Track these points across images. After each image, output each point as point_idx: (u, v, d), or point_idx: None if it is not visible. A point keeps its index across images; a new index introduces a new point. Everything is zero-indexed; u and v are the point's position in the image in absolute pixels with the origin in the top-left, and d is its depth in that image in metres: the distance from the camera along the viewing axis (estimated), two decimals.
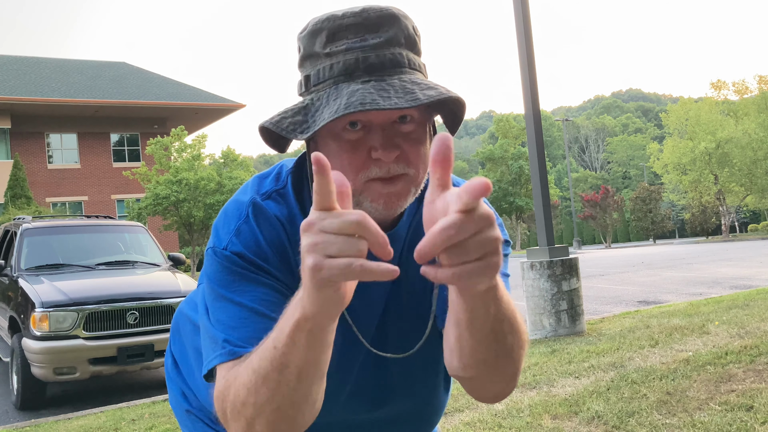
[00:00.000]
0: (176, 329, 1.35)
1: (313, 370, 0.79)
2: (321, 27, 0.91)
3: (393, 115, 0.89)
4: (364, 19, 0.89)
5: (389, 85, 0.86)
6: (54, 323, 5.39)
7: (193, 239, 25.33)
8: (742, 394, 3.79)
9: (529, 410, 3.86)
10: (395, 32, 0.91)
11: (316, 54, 0.92)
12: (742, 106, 43.82)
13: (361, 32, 0.89)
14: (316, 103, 0.89)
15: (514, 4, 6.95)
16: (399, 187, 0.91)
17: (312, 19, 0.94)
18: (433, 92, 0.85)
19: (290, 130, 0.89)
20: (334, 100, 0.85)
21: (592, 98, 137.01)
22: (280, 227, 0.98)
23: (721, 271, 13.99)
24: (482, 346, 0.85)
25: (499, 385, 0.95)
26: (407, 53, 0.91)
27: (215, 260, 0.97)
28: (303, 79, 0.94)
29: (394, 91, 0.84)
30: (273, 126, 0.90)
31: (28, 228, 6.90)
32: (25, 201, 24.13)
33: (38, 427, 4.72)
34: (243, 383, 0.82)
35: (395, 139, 0.90)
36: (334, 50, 0.89)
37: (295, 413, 0.82)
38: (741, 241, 33.72)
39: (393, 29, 0.90)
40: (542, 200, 6.88)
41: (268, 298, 0.91)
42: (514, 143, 42.03)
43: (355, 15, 0.90)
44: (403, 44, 0.91)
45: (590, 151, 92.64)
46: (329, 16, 0.91)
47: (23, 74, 30.32)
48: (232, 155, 25.80)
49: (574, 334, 6.42)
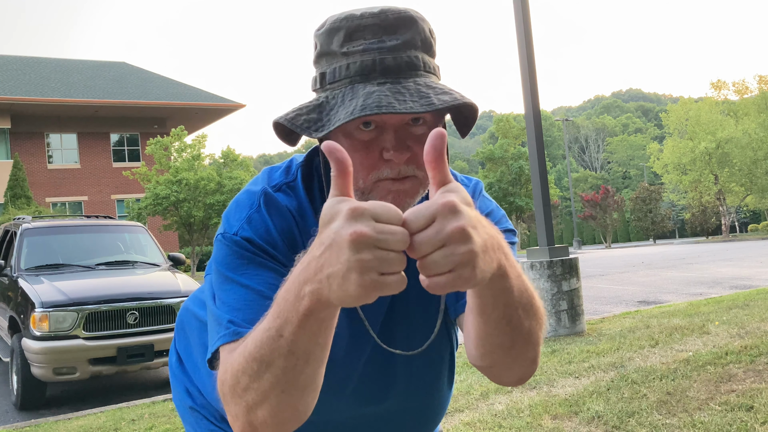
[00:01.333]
0: (181, 326, 1.36)
1: (321, 354, 0.79)
2: (339, 26, 0.92)
3: (406, 117, 0.91)
4: (382, 20, 0.90)
5: (405, 88, 0.87)
6: (54, 323, 5.39)
7: (193, 239, 25.33)
8: (742, 394, 3.79)
9: (529, 410, 3.85)
10: (412, 35, 0.91)
11: (333, 52, 0.92)
12: (742, 106, 43.82)
13: (379, 33, 0.90)
14: (331, 102, 0.90)
15: (514, 4, 6.95)
16: (407, 185, 0.92)
17: (330, 17, 0.95)
18: (448, 97, 0.87)
19: (305, 128, 0.90)
20: (350, 100, 0.87)
21: (592, 98, 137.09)
22: (290, 218, 1.00)
23: (721, 271, 13.99)
24: (497, 331, 0.85)
25: (520, 370, 0.96)
26: (423, 56, 0.92)
27: (224, 245, 0.98)
28: (318, 76, 0.95)
29: (409, 95, 0.86)
30: (288, 123, 0.91)
31: (28, 228, 6.90)
32: (25, 201, 24.13)
33: (38, 427, 4.72)
34: (243, 370, 0.82)
35: (407, 141, 0.91)
36: (351, 50, 0.90)
37: (300, 397, 0.82)
38: (741, 241, 33.72)
39: (410, 32, 0.91)
40: (542, 200, 6.88)
41: (275, 283, 0.90)
42: (514, 143, 42.01)
43: (374, 16, 0.90)
44: (420, 47, 0.92)
45: (590, 151, 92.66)
46: (348, 15, 0.92)
47: (23, 74, 30.33)
48: (232, 155, 25.80)
49: (574, 334, 6.41)
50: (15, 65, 31.55)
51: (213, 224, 24.40)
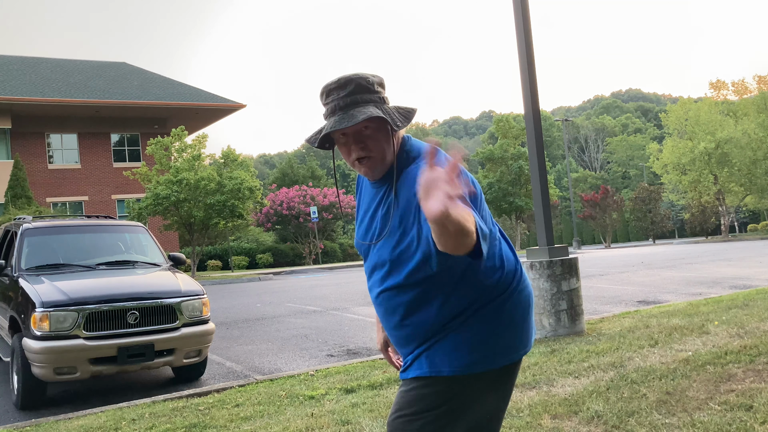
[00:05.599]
0: None
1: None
2: (323, 90, 1.78)
3: (358, 126, 1.74)
4: (338, 84, 1.75)
5: (347, 116, 1.71)
6: (54, 323, 5.39)
7: (194, 239, 25.32)
8: (742, 393, 3.80)
9: (529, 410, 3.86)
10: (353, 87, 1.74)
11: (323, 103, 1.79)
12: (741, 106, 43.81)
13: (337, 90, 1.75)
14: (323, 128, 1.77)
15: (513, 4, 6.95)
16: (367, 163, 1.77)
17: (323, 85, 1.79)
18: (363, 116, 1.67)
19: (311, 141, 1.81)
20: (326, 125, 1.76)
21: (591, 98, 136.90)
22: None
23: (720, 271, 13.99)
24: (436, 235, 1.39)
25: (453, 249, 1.41)
26: (361, 96, 1.73)
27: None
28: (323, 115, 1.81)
29: (348, 119, 1.69)
30: (307, 139, 1.83)
31: (28, 228, 6.90)
32: (26, 201, 24.13)
33: (38, 427, 4.72)
34: None
35: (361, 138, 1.75)
36: (327, 102, 1.77)
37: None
38: (740, 241, 33.72)
39: (352, 86, 1.74)
40: (542, 200, 6.89)
41: None
42: (514, 143, 41.97)
43: (335, 82, 1.76)
44: (357, 92, 1.74)
45: (590, 151, 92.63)
46: (326, 84, 1.77)
47: (23, 74, 30.32)
48: (233, 155, 25.78)
49: (574, 333, 6.42)
50: (15, 65, 31.54)
51: (213, 224, 24.40)
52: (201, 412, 4.64)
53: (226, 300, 14.27)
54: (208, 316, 6.18)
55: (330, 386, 5.08)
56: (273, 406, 4.66)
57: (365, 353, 7.00)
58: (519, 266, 1.83)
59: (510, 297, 1.75)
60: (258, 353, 7.46)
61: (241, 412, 4.52)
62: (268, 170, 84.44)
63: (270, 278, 22.99)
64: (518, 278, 1.80)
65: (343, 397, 4.70)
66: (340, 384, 5.12)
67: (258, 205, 27.02)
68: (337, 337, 8.18)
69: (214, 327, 6.28)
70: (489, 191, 40.92)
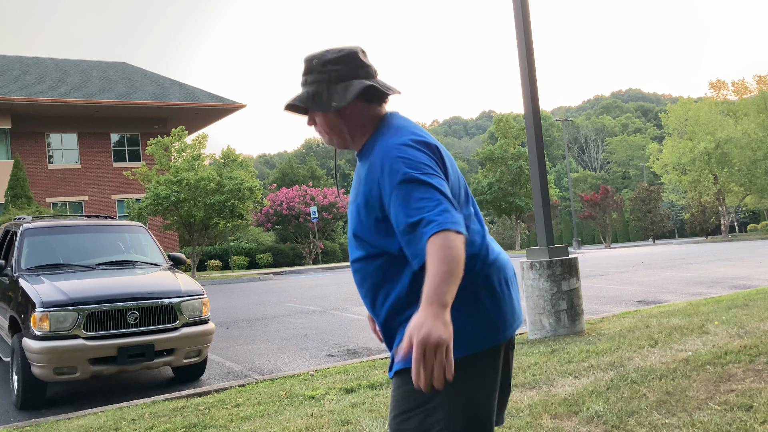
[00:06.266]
0: None
1: None
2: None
3: (309, 113, 1.87)
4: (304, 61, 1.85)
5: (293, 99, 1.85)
6: (54, 323, 5.39)
7: (194, 239, 25.32)
8: (742, 393, 3.80)
9: (529, 410, 3.86)
10: (303, 68, 1.84)
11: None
12: (741, 106, 43.80)
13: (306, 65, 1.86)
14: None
15: (513, 5, 6.95)
16: (324, 138, 1.88)
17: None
18: (285, 106, 1.84)
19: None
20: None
21: (591, 98, 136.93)
22: None
23: (720, 271, 14.00)
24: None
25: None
26: (307, 77, 1.82)
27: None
28: None
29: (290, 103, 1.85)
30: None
31: (28, 228, 6.90)
32: (26, 201, 24.13)
33: (38, 427, 4.72)
34: None
35: (314, 121, 1.85)
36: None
37: None
38: (740, 241, 33.72)
39: (303, 67, 1.84)
40: (542, 200, 6.89)
41: None
42: (514, 143, 42.00)
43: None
44: (305, 73, 1.83)
45: (590, 151, 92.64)
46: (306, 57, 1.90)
47: (23, 74, 30.32)
48: (232, 155, 25.79)
49: (574, 333, 6.42)
50: (15, 65, 31.54)
51: (213, 224, 24.40)
52: (201, 412, 4.64)
53: (226, 300, 14.28)
54: (208, 316, 6.18)
55: (330, 386, 5.08)
56: (273, 406, 4.66)
57: (365, 353, 7.00)
58: (484, 250, 1.75)
59: (475, 280, 1.70)
60: (258, 353, 7.46)
61: (241, 412, 4.53)
62: (268, 170, 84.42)
63: (270, 278, 22.99)
64: (482, 261, 1.73)
65: (343, 397, 4.70)
66: (340, 384, 5.12)
67: (258, 205, 27.02)
68: (337, 337, 8.19)
69: (214, 327, 6.28)
70: (489, 191, 40.94)
